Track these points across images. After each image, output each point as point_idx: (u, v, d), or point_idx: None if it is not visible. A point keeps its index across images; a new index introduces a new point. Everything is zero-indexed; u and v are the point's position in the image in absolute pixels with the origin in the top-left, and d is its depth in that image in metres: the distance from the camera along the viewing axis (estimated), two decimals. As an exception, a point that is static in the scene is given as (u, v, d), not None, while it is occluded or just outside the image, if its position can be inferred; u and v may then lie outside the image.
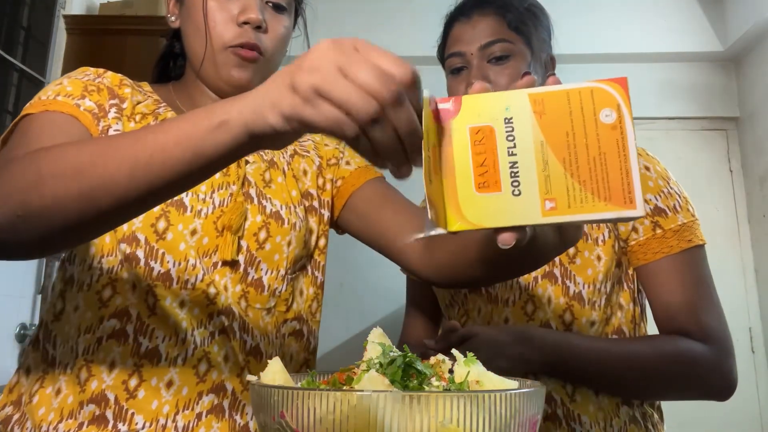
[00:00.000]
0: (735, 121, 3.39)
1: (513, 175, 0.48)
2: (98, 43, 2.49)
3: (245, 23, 0.85)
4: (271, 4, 0.88)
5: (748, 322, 3.10)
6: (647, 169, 0.98)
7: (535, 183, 0.47)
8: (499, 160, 0.48)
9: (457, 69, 1.00)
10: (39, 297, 2.31)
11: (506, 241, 0.48)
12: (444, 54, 1.05)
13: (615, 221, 0.47)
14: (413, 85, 0.47)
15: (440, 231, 0.48)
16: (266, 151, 0.94)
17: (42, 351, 0.81)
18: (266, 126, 0.49)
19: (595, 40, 3.24)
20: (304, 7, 0.99)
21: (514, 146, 0.48)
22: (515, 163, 0.48)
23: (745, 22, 3.09)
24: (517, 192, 0.47)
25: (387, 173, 0.53)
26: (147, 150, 0.53)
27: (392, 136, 0.47)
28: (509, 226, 0.48)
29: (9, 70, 2.28)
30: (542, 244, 0.57)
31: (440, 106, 0.50)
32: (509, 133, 0.48)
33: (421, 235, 0.49)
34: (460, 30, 1.01)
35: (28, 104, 0.79)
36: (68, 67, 2.47)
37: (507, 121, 0.48)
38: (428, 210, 0.47)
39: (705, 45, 3.32)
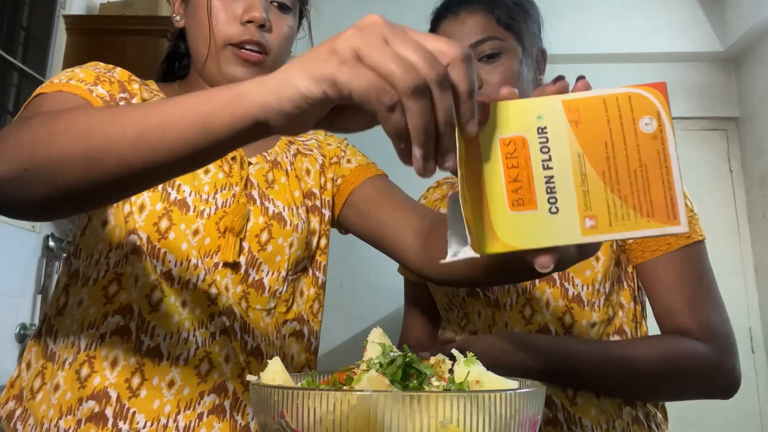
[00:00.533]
0: (735, 121, 3.39)
1: (549, 190, 0.44)
2: (98, 43, 2.49)
3: (249, 22, 0.85)
4: (275, 4, 0.88)
5: (748, 322, 3.10)
6: None
7: (573, 199, 0.44)
8: (534, 174, 0.44)
9: None
10: (39, 297, 2.31)
11: (545, 264, 0.44)
12: None
13: (656, 237, 0.45)
14: (464, 63, 0.42)
15: (472, 255, 0.44)
16: (269, 151, 0.94)
17: (43, 345, 0.81)
18: (294, 91, 0.43)
19: (595, 40, 3.24)
20: (308, 8, 0.99)
21: (549, 159, 0.44)
22: (551, 177, 0.44)
23: (745, 22, 3.09)
24: (554, 210, 0.44)
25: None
26: (155, 117, 0.50)
27: (430, 117, 0.42)
28: (547, 246, 0.44)
29: (9, 70, 2.28)
30: (560, 258, 0.54)
31: None
32: (543, 144, 0.44)
33: (451, 259, 0.45)
34: (448, 28, 0.98)
35: (40, 86, 0.78)
36: (68, 67, 2.46)
37: (540, 131, 0.44)
38: (465, 230, 0.43)
39: (705, 45, 3.32)
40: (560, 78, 0.46)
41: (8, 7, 2.31)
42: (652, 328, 0.96)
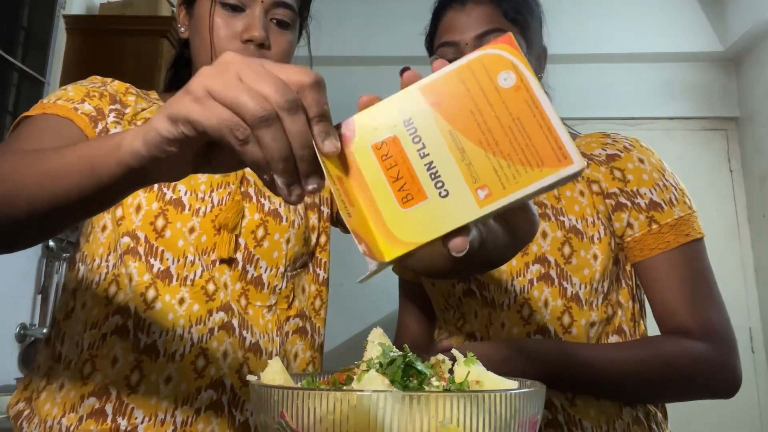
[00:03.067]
0: (735, 121, 3.39)
1: (433, 176, 0.43)
2: (98, 43, 2.49)
3: (248, 41, 0.86)
4: (275, 21, 0.89)
5: (748, 322, 3.10)
6: (641, 161, 0.95)
7: (459, 176, 0.43)
8: (414, 167, 0.43)
9: (449, 60, 0.96)
10: (39, 297, 2.30)
11: (458, 247, 0.43)
12: (434, 43, 1.00)
13: (558, 185, 0.43)
14: (315, 89, 0.44)
15: (377, 264, 0.43)
16: None
17: (52, 348, 0.83)
18: (154, 135, 0.45)
19: (595, 40, 3.24)
20: (308, 23, 0.99)
21: (423, 146, 0.44)
22: (431, 163, 0.43)
23: (745, 22, 3.09)
24: (444, 193, 0.43)
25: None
26: (56, 163, 0.53)
27: (284, 144, 0.42)
28: (449, 231, 0.43)
29: (9, 70, 2.28)
30: (492, 248, 0.52)
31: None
32: (413, 135, 0.44)
33: (365, 277, 0.45)
34: (453, 18, 0.96)
35: (30, 109, 0.81)
36: (68, 67, 2.47)
37: (407, 123, 0.44)
38: (358, 245, 0.43)
39: (705, 45, 3.32)
40: (405, 69, 0.46)
41: (8, 7, 2.31)
42: (651, 326, 0.95)
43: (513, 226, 0.51)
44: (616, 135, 1.00)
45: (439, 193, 0.43)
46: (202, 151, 0.47)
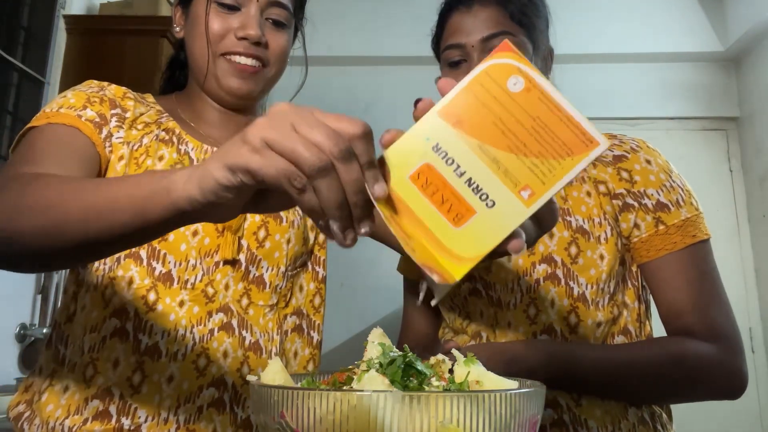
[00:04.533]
0: (735, 121, 3.39)
1: (476, 190, 0.46)
2: (98, 43, 2.49)
3: (244, 39, 0.87)
4: (270, 20, 0.90)
5: (748, 322, 3.11)
6: (648, 162, 0.95)
7: (500, 184, 0.46)
8: (455, 187, 0.46)
9: (456, 62, 0.96)
10: (39, 297, 2.30)
11: (517, 248, 0.47)
12: (440, 45, 1.00)
13: (589, 165, 0.46)
14: (365, 139, 0.45)
15: (450, 286, 0.46)
16: None
17: (54, 350, 0.84)
18: (213, 183, 0.47)
19: (595, 40, 3.24)
20: (303, 24, 1.00)
21: (458, 166, 0.46)
22: (470, 179, 0.46)
23: (745, 22, 3.09)
24: (491, 203, 0.46)
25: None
26: (104, 199, 0.54)
27: (339, 192, 0.45)
28: (506, 235, 0.46)
29: (9, 70, 2.28)
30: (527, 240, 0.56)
31: None
32: (445, 158, 0.47)
33: (437, 300, 0.49)
34: (460, 20, 0.96)
35: (34, 118, 0.81)
36: (68, 67, 2.47)
37: (436, 149, 0.47)
38: (430, 276, 0.45)
39: (705, 45, 3.32)
40: (418, 100, 0.49)
41: (8, 7, 2.31)
42: (656, 327, 0.95)
43: (539, 218, 0.54)
44: (623, 136, 1.00)
45: (486, 204, 0.46)
46: (259, 194, 0.49)
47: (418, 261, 0.46)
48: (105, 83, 0.90)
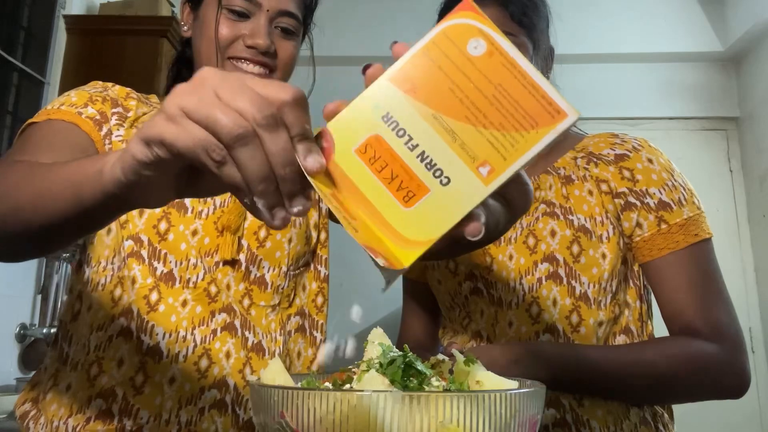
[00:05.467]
0: (735, 121, 3.39)
1: (429, 166, 0.41)
2: (98, 43, 2.49)
3: (252, 47, 0.86)
4: (279, 29, 0.89)
5: (748, 322, 3.11)
6: (650, 161, 0.95)
7: (456, 159, 0.40)
8: (406, 162, 0.41)
9: None
10: (39, 297, 2.30)
11: (474, 231, 0.42)
12: None
13: (557, 141, 0.40)
14: (296, 107, 0.40)
15: (398, 272, 0.41)
16: None
17: (59, 349, 0.84)
18: (130, 159, 0.42)
19: (595, 40, 3.24)
20: (311, 30, 1.00)
21: (410, 138, 0.41)
22: (423, 153, 0.41)
23: (745, 22, 3.09)
24: (445, 180, 0.41)
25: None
26: (48, 184, 0.53)
27: (263, 164, 0.39)
28: (462, 217, 0.40)
29: (9, 70, 2.28)
30: (493, 226, 0.49)
31: None
32: (396, 129, 0.41)
33: (386, 287, 0.43)
34: None
35: (35, 115, 0.81)
36: (68, 67, 2.47)
37: (385, 118, 0.41)
38: (374, 260, 0.40)
39: (705, 45, 3.32)
40: (367, 66, 0.45)
41: (8, 7, 2.31)
42: (658, 326, 0.95)
43: (509, 199, 0.49)
44: (625, 135, 1.00)
45: (440, 181, 0.41)
46: (185, 175, 0.44)
47: (362, 242, 0.40)
48: (109, 84, 0.90)
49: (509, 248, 0.94)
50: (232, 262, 0.85)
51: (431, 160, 0.41)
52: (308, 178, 0.41)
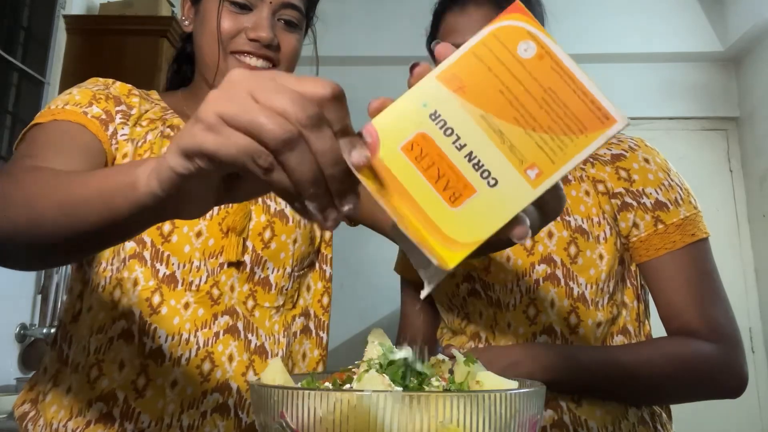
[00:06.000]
0: (735, 121, 3.39)
1: (477, 166, 0.40)
2: (98, 43, 2.49)
3: (255, 41, 0.86)
4: (282, 21, 0.89)
5: (748, 322, 3.11)
6: (646, 161, 0.95)
7: (504, 161, 0.40)
8: (454, 161, 0.40)
9: None
10: (39, 297, 2.30)
11: (521, 234, 0.41)
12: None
13: (604, 145, 0.41)
14: (336, 103, 0.39)
15: (443, 272, 0.41)
16: None
17: (58, 350, 0.83)
18: (168, 173, 0.40)
19: (595, 40, 3.24)
20: (314, 22, 0.99)
21: (458, 137, 0.40)
22: (471, 153, 0.40)
23: (745, 22, 3.09)
24: (492, 182, 0.40)
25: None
26: (77, 194, 0.51)
27: (312, 166, 0.38)
28: (509, 220, 0.40)
29: (9, 70, 2.28)
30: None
31: None
32: (444, 127, 0.41)
33: (427, 289, 0.43)
34: (454, 20, 0.96)
35: (38, 114, 0.80)
36: (68, 67, 2.47)
37: (433, 116, 0.41)
38: (428, 256, 0.40)
39: (705, 45, 3.32)
40: (415, 65, 0.43)
41: (8, 7, 2.31)
42: (655, 326, 0.95)
43: (542, 204, 0.47)
44: (621, 135, 1.00)
45: (488, 182, 0.40)
46: (225, 182, 0.43)
47: (414, 239, 0.40)
48: (110, 81, 0.89)
49: (506, 250, 0.94)
50: (237, 264, 0.84)
51: (479, 161, 0.40)
52: (355, 173, 0.40)
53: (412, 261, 0.42)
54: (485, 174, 0.40)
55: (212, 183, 0.42)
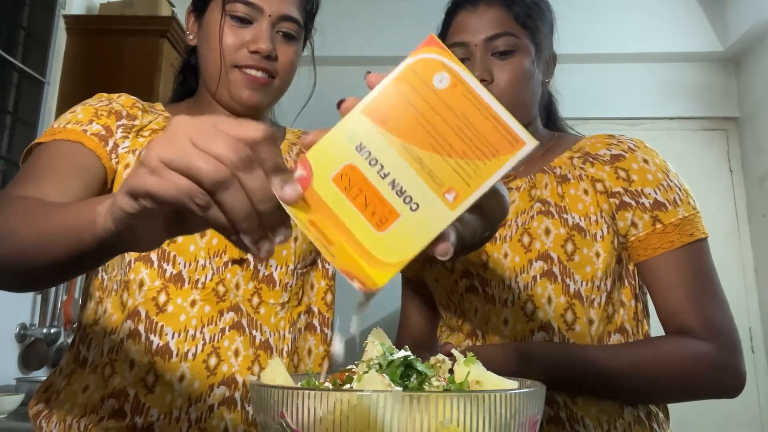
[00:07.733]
0: (735, 121, 3.39)
1: (400, 193, 0.44)
2: (98, 43, 2.49)
3: (255, 52, 0.89)
4: (281, 33, 0.92)
5: (748, 322, 3.11)
6: (645, 161, 0.95)
7: (424, 186, 0.44)
8: (379, 189, 0.44)
9: (460, 60, 0.97)
10: (39, 297, 2.30)
11: (443, 251, 0.46)
12: (445, 43, 1.01)
13: (517, 167, 0.44)
14: (267, 143, 0.43)
15: (373, 292, 0.45)
16: None
17: (75, 351, 0.87)
18: (119, 211, 0.45)
19: (595, 40, 3.24)
20: (312, 34, 1.03)
21: (382, 167, 0.45)
22: (394, 181, 0.44)
23: (745, 22, 3.09)
24: (414, 206, 0.44)
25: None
26: (51, 227, 0.56)
27: (245, 203, 0.42)
28: (431, 240, 0.44)
29: (9, 70, 2.28)
30: (470, 238, 0.53)
31: (296, 175, 0.46)
32: (369, 158, 0.45)
33: (362, 309, 0.47)
34: (465, 19, 0.98)
35: (42, 134, 0.84)
36: (68, 67, 2.47)
37: (359, 148, 0.45)
38: (352, 282, 0.44)
39: (705, 45, 3.32)
40: (341, 101, 0.47)
41: (8, 7, 2.31)
42: (654, 326, 0.95)
43: (485, 211, 0.52)
44: (621, 136, 1.01)
45: (410, 207, 0.44)
46: (173, 218, 0.47)
47: (339, 267, 0.44)
48: (114, 95, 0.92)
49: (504, 246, 0.95)
50: (240, 261, 0.87)
51: (402, 188, 0.44)
52: (285, 208, 0.44)
53: (352, 282, 0.46)
54: (407, 199, 0.44)
55: (159, 220, 0.46)
